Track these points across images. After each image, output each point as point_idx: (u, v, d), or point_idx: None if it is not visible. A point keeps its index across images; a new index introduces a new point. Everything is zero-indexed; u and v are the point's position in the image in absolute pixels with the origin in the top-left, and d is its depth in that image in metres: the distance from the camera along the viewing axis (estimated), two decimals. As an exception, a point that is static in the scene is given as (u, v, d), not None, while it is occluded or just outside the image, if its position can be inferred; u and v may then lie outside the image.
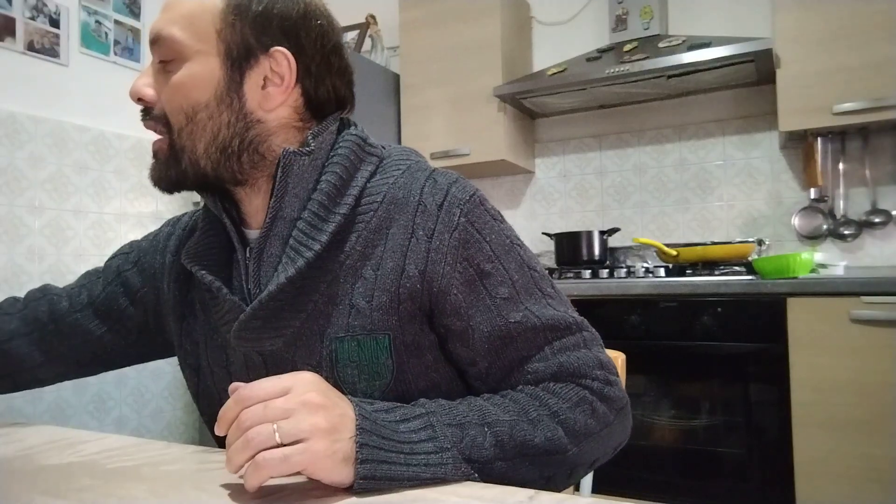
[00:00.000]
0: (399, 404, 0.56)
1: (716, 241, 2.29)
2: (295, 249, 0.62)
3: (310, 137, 0.67)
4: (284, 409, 0.47)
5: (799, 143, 2.19)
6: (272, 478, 0.47)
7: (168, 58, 0.64)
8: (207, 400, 0.73)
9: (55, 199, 2.14)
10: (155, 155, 0.67)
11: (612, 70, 2.10)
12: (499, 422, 0.56)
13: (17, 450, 0.64)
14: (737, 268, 1.95)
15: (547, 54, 2.63)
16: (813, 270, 1.89)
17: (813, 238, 2.17)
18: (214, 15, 0.64)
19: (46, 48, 2.12)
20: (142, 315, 0.79)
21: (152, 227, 2.47)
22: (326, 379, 0.58)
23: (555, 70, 2.26)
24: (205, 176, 0.65)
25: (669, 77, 2.14)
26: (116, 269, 0.81)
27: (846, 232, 2.12)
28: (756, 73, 2.10)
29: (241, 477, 0.47)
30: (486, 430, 0.55)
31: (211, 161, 0.65)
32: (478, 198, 0.66)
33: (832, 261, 2.00)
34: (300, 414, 0.47)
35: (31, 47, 2.07)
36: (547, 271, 0.68)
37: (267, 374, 0.63)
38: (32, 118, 2.08)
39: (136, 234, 2.41)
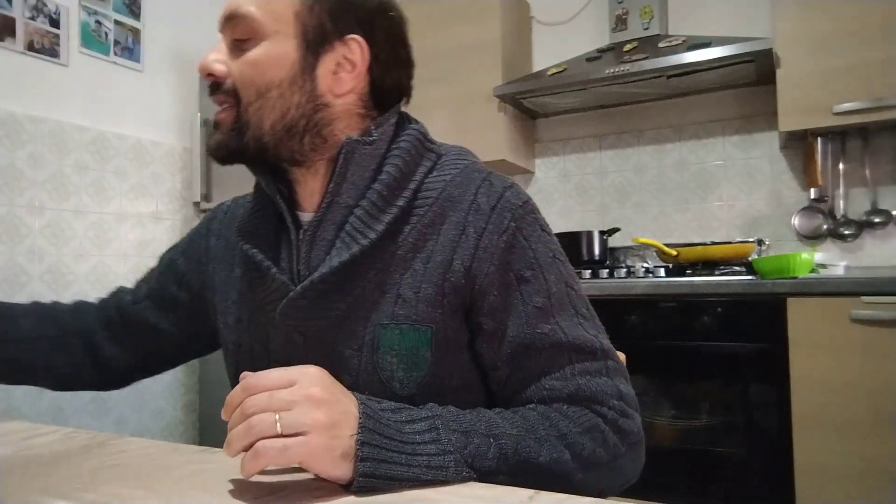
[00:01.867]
0: (407, 406, 0.56)
1: (716, 241, 2.29)
2: (350, 235, 0.64)
3: (372, 127, 0.68)
4: (288, 400, 0.48)
5: (799, 143, 2.19)
6: (269, 467, 0.48)
7: (244, 36, 0.66)
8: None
9: (55, 199, 2.14)
10: (216, 125, 0.68)
11: (612, 70, 2.10)
12: (505, 435, 0.56)
13: (18, 449, 0.64)
14: (737, 268, 1.95)
15: (547, 54, 2.63)
16: (813, 270, 1.89)
17: (813, 238, 2.17)
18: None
19: (46, 48, 2.12)
20: (188, 300, 0.82)
21: (152, 227, 2.47)
22: (366, 363, 0.63)
23: (555, 70, 2.26)
24: (264, 151, 0.67)
25: (669, 77, 2.14)
26: (168, 259, 0.85)
27: (846, 232, 2.12)
28: (756, 73, 2.10)
29: (239, 469, 0.47)
30: (491, 440, 0.55)
31: (274, 138, 0.67)
32: (530, 206, 0.67)
33: (832, 261, 2.00)
34: (303, 407, 0.48)
35: (31, 47, 2.07)
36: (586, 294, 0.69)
37: (307, 355, 0.66)
38: (32, 118, 2.08)
39: (136, 234, 2.41)
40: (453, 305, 0.64)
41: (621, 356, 0.93)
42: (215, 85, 0.67)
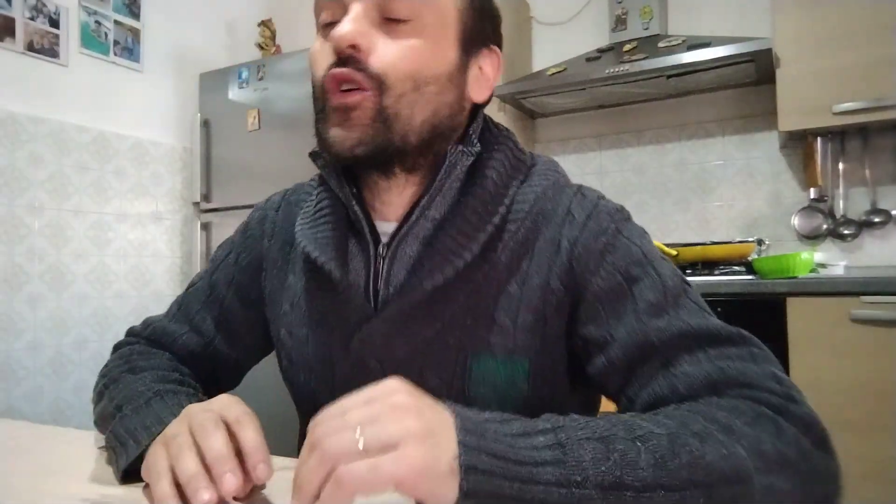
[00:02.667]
0: (517, 416, 0.43)
1: (716, 241, 2.29)
2: (442, 254, 0.58)
3: (474, 136, 0.63)
4: (368, 414, 0.38)
5: (799, 143, 2.19)
6: (359, 498, 0.35)
7: (402, 16, 0.58)
8: (304, 405, 0.68)
9: (55, 199, 2.14)
10: (347, 110, 0.57)
11: (611, 70, 2.10)
12: (653, 435, 0.42)
13: (18, 449, 0.64)
14: (737, 268, 1.95)
15: (547, 54, 2.63)
16: (813, 270, 1.89)
17: (813, 238, 2.17)
18: None
19: (46, 48, 2.12)
20: (255, 317, 0.75)
21: (152, 227, 2.47)
22: (456, 395, 0.56)
23: (555, 70, 2.26)
24: (403, 154, 0.59)
25: (669, 77, 2.14)
26: (229, 277, 0.75)
27: (846, 232, 2.12)
28: (756, 73, 2.10)
29: None
30: (638, 444, 0.41)
31: (420, 138, 0.59)
32: (627, 212, 0.63)
33: (832, 261, 2.01)
34: (387, 417, 0.37)
35: (30, 47, 2.07)
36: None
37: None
38: (32, 118, 2.08)
39: (136, 234, 2.41)
40: (555, 331, 0.58)
41: None
42: (351, 61, 0.57)
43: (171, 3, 2.56)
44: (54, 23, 2.14)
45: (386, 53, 0.57)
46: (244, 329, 0.75)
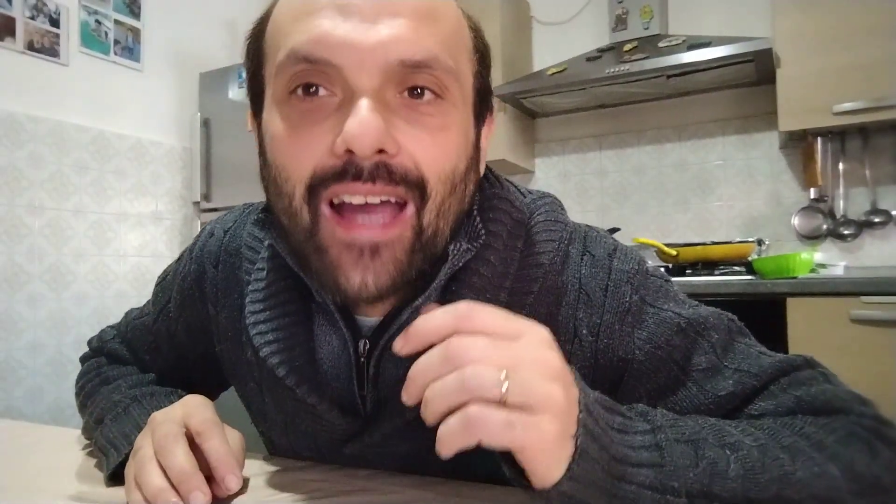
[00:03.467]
0: (615, 403, 0.39)
1: (716, 241, 2.29)
2: None
3: (479, 223, 0.50)
4: (518, 356, 0.34)
5: (799, 143, 2.19)
6: (471, 445, 0.32)
7: (432, 87, 0.44)
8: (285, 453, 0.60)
9: (55, 199, 2.14)
10: (379, 250, 0.43)
11: (612, 70, 2.10)
12: (742, 444, 0.39)
13: (18, 449, 0.63)
14: (736, 268, 1.95)
15: (547, 54, 2.63)
16: (813, 270, 1.89)
17: (813, 238, 2.17)
18: (469, 45, 0.48)
19: (46, 48, 2.12)
20: (208, 367, 0.66)
21: (152, 228, 2.47)
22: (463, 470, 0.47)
23: (555, 70, 2.26)
24: (427, 269, 0.47)
25: (669, 77, 2.13)
26: (165, 331, 0.67)
27: (846, 232, 2.11)
28: (756, 73, 2.10)
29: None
30: (727, 453, 0.38)
31: (444, 247, 0.47)
32: (644, 266, 0.54)
33: (832, 261, 2.00)
34: (536, 373, 0.33)
35: (31, 47, 2.07)
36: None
37: (383, 468, 0.51)
38: (32, 118, 2.08)
39: (136, 234, 2.41)
40: None
41: None
42: (382, 170, 0.42)
43: (171, 3, 2.56)
44: (54, 22, 2.14)
45: (423, 152, 0.43)
46: (197, 378, 0.67)
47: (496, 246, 0.50)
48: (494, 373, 0.32)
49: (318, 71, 0.42)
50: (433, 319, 0.35)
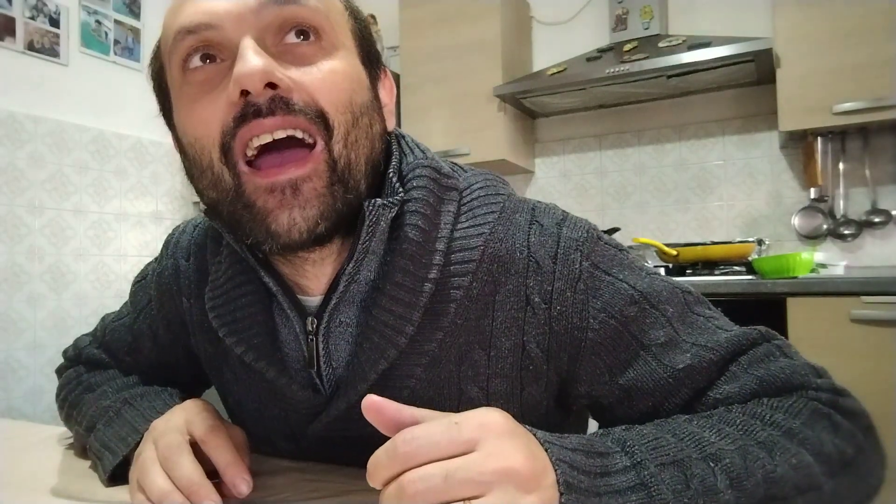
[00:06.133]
0: (591, 439, 0.40)
1: (716, 240, 2.29)
2: (379, 332, 0.49)
3: (394, 177, 0.51)
4: (477, 481, 0.32)
5: (799, 143, 2.19)
6: None
7: (309, 25, 0.46)
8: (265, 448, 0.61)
9: (55, 198, 2.14)
10: (298, 186, 0.45)
11: (612, 70, 2.10)
12: (724, 452, 0.40)
13: (18, 449, 0.63)
14: (737, 268, 1.95)
15: (547, 54, 2.63)
16: (813, 270, 1.89)
17: (813, 238, 2.17)
18: (341, 9, 0.51)
19: (46, 48, 2.12)
20: (189, 366, 0.68)
21: (152, 227, 2.47)
22: None
23: (555, 70, 2.26)
24: (351, 211, 0.47)
25: (669, 77, 2.13)
26: (147, 330, 0.67)
27: (846, 232, 2.11)
28: (756, 72, 2.10)
29: None
30: (711, 465, 0.39)
31: (367, 184, 0.49)
32: (595, 233, 0.54)
33: (832, 261, 2.00)
34: (501, 491, 0.32)
35: (31, 47, 2.07)
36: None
37: (350, 452, 0.50)
38: (32, 118, 2.08)
39: (136, 234, 2.41)
40: (535, 397, 0.52)
41: None
42: (279, 102, 0.44)
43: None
44: (54, 22, 2.14)
45: (314, 84, 0.45)
46: (179, 376, 0.68)
47: (423, 211, 0.50)
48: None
49: (203, 40, 0.46)
50: (377, 463, 0.35)
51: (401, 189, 0.51)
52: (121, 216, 2.36)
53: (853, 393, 0.50)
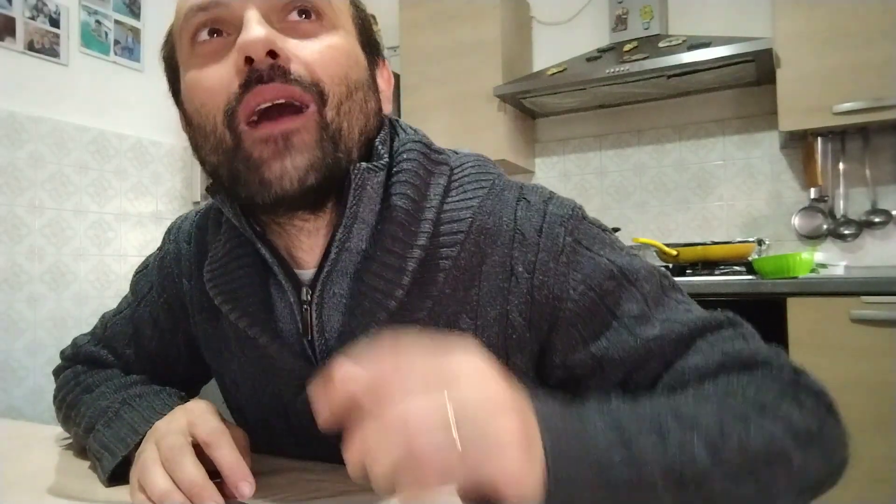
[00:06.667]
0: (576, 412, 0.39)
1: (716, 240, 2.29)
2: (369, 297, 0.51)
3: (381, 146, 0.54)
4: (461, 401, 0.31)
5: (799, 143, 2.19)
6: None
7: (311, 5, 0.50)
8: (259, 437, 0.60)
9: (55, 198, 2.14)
10: (290, 137, 0.48)
11: (612, 70, 2.10)
12: (701, 421, 0.40)
13: (18, 449, 0.63)
14: (737, 268, 1.95)
15: (547, 54, 2.63)
16: (813, 270, 1.89)
17: (813, 238, 2.17)
18: None
19: (46, 48, 2.12)
20: (189, 351, 0.69)
21: (152, 227, 2.47)
22: None
23: (555, 70, 2.26)
24: (342, 175, 0.50)
25: (669, 77, 2.13)
26: (148, 316, 0.68)
27: (846, 232, 2.12)
28: (756, 72, 2.10)
29: None
30: (691, 434, 0.39)
31: (358, 153, 0.52)
32: (580, 211, 0.56)
33: (832, 261, 2.00)
34: (485, 413, 0.32)
35: (31, 47, 2.07)
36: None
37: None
38: (32, 118, 2.08)
39: (136, 234, 2.41)
40: (520, 367, 0.54)
41: None
42: (273, 73, 0.47)
43: (171, 3, 2.54)
44: (54, 22, 2.14)
45: (312, 56, 0.49)
46: (179, 366, 0.69)
47: (413, 182, 0.53)
48: (446, 438, 0.30)
49: (213, 17, 0.50)
50: (357, 372, 0.33)
51: (385, 154, 0.53)
52: (121, 216, 2.36)
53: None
